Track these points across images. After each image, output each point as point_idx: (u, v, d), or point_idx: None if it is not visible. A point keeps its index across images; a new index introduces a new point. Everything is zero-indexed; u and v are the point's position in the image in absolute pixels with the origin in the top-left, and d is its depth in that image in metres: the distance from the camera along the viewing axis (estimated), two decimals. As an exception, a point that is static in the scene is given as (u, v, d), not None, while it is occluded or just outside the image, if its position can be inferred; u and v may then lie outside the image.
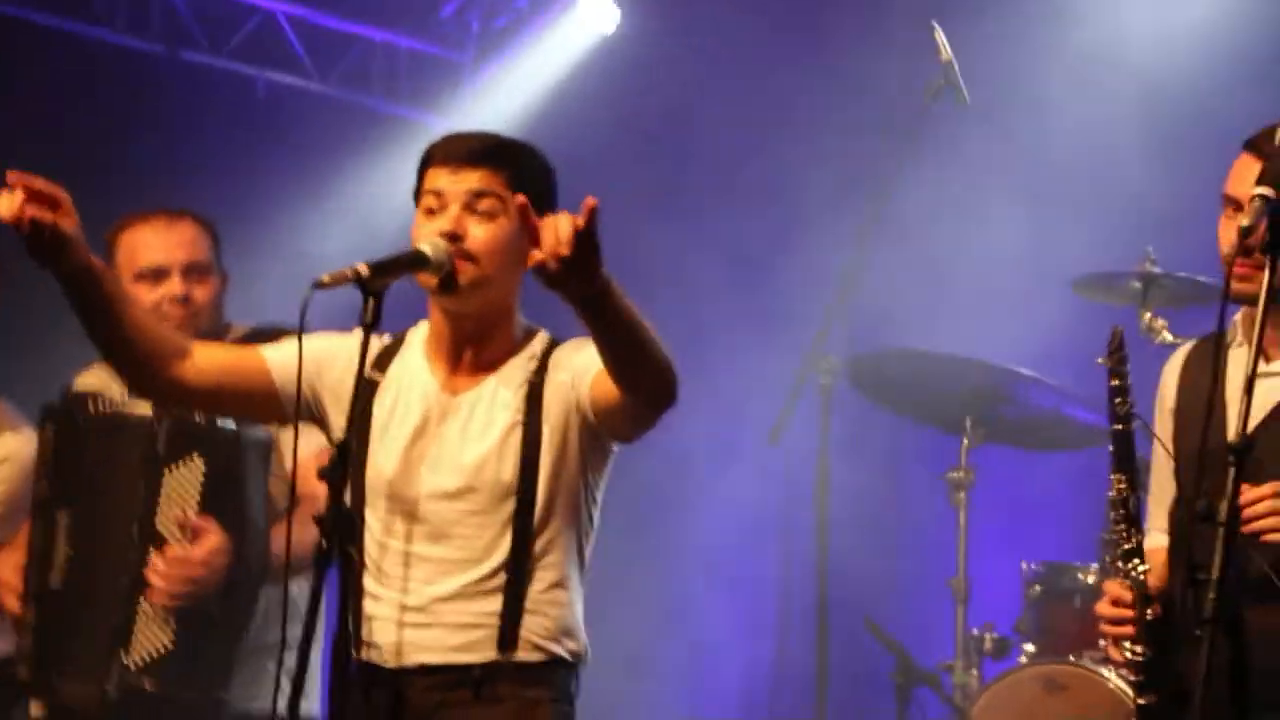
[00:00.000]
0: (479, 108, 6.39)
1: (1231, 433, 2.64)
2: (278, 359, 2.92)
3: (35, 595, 3.52)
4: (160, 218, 3.72)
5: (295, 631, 2.65)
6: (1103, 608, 3.01)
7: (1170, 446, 3.01)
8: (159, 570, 3.38)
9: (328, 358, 2.91)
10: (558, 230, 2.47)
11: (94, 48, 5.87)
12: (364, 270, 2.70)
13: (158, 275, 3.65)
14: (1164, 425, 3.06)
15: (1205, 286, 4.38)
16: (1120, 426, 3.02)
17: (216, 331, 3.65)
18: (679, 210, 5.98)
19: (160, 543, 3.42)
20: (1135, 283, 4.46)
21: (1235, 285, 2.81)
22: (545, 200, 2.85)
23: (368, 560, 2.85)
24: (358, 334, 2.75)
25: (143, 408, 3.47)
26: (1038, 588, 4.59)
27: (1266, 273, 2.43)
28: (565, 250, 2.45)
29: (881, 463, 5.35)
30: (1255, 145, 2.89)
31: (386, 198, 5.68)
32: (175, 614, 3.41)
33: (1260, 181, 2.44)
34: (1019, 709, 4.26)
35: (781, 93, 5.74)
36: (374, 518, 2.86)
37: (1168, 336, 4.29)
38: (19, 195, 2.63)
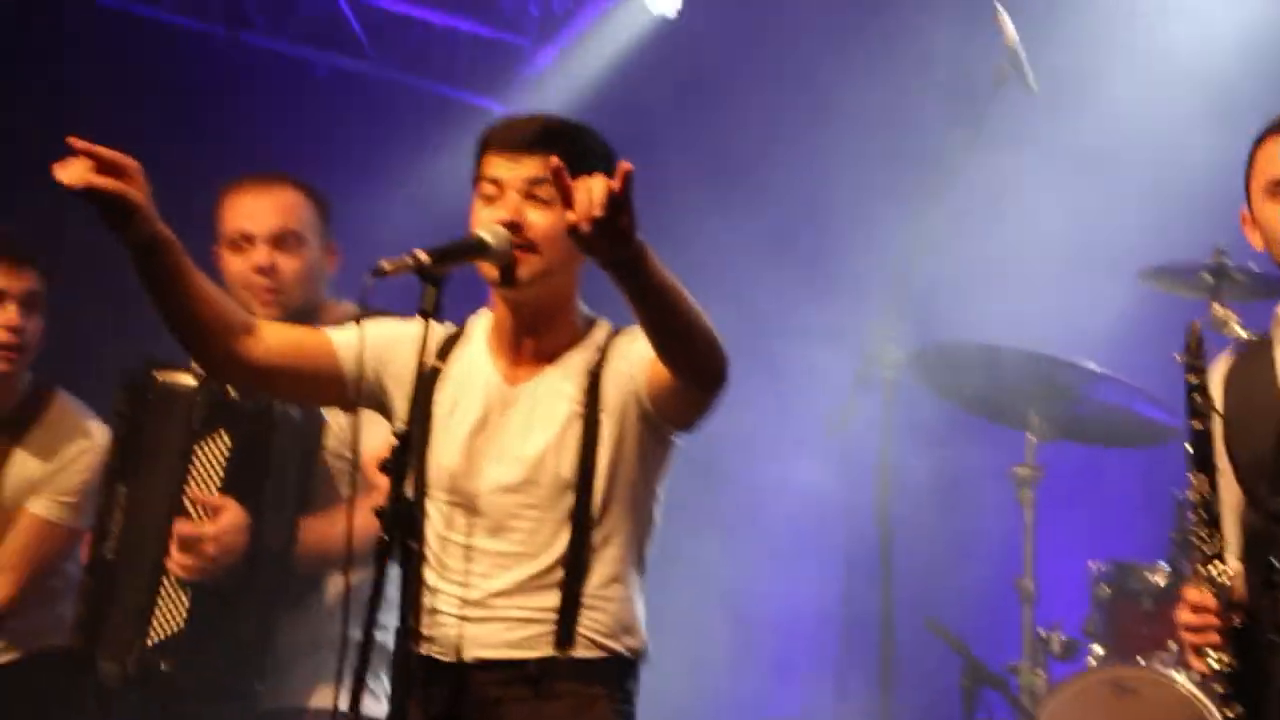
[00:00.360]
0: (539, 92, 6.33)
1: None
2: (344, 342, 2.89)
3: (90, 566, 3.50)
4: (256, 182, 3.60)
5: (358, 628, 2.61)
6: (1183, 614, 2.90)
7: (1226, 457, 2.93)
8: (175, 544, 3.30)
9: (392, 344, 2.88)
10: (591, 192, 2.43)
11: (153, 28, 5.85)
12: (424, 257, 2.67)
13: (245, 241, 3.54)
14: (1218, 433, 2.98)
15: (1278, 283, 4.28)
16: (1199, 425, 2.93)
17: (309, 308, 3.53)
18: (739, 197, 5.90)
19: (186, 517, 3.35)
20: (1207, 275, 4.36)
21: None
22: None
23: (428, 554, 2.82)
24: (419, 320, 2.71)
25: (188, 379, 3.40)
26: (1106, 588, 4.52)
27: None
28: (598, 211, 2.42)
29: (947, 459, 5.26)
30: None
31: (446, 182, 5.62)
32: (191, 593, 3.33)
33: None
34: (1087, 713, 4.18)
35: (841, 77, 5.64)
36: (435, 510, 2.83)
37: (1238, 330, 4.17)
38: (85, 163, 2.60)
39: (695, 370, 2.66)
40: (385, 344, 2.88)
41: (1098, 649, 4.44)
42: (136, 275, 2.73)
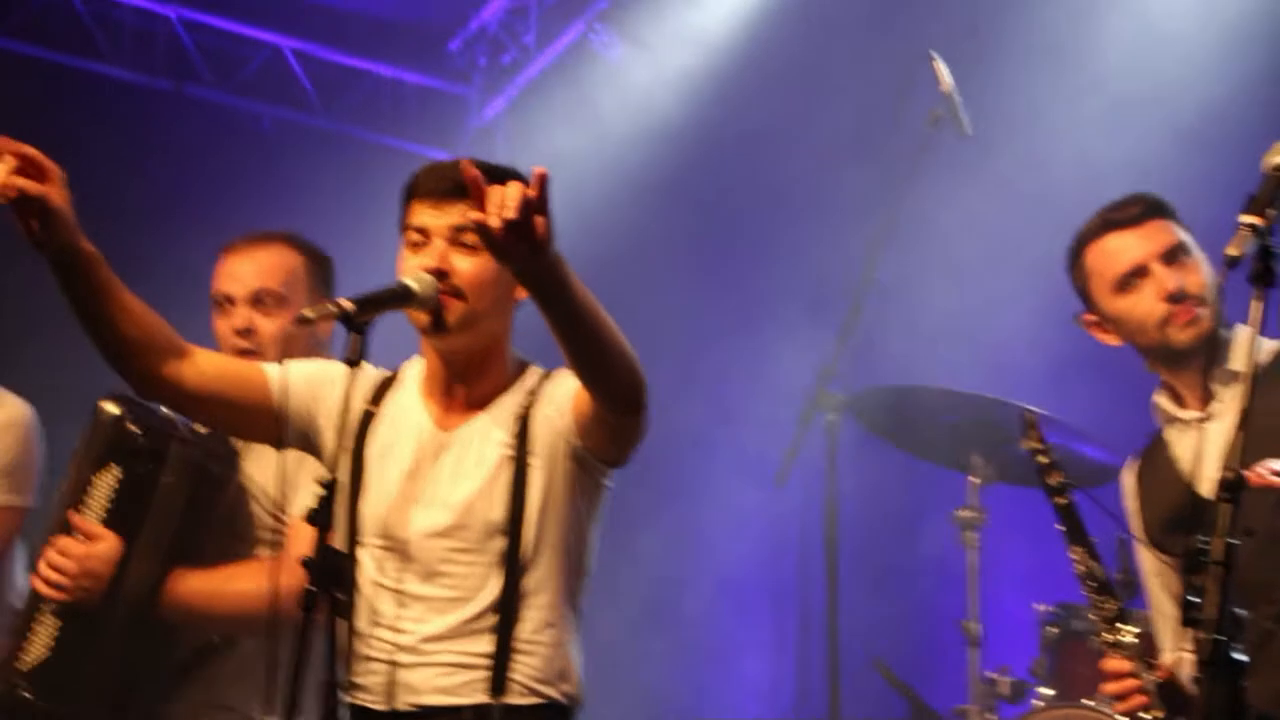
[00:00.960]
0: (487, 142, 6.35)
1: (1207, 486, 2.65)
2: (278, 376, 2.88)
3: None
4: (246, 242, 3.55)
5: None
6: (1107, 686, 2.97)
7: (1162, 556, 3.05)
8: (43, 568, 3.24)
9: (323, 382, 2.88)
10: (504, 194, 2.42)
11: (99, 83, 5.85)
12: (348, 305, 2.66)
13: (226, 303, 3.50)
14: (1143, 549, 3.10)
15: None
16: (1061, 500, 3.00)
17: None
18: (686, 242, 5.92)
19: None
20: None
21: (1175, 334, 3.03)
22: None
23: (360, 600, 2.79)
24: (357, 366, 2.70)
25: (117, 408, 3.32)
26: (1053, 629, 4.49)
27: (1256, 300, 2.32)
28: (510, 213, 2.40)
29: (891, 502, 5.26)
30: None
31: (391, 233, 5.62)
32: (60, 620, 3.26)
33: (1248, 210, 2.32)
34: (1033, 755, 4.15)
35: (785, 124, 5.68)
36: (367, 556, 2.81)
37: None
38: (8, 162, 2.56)
39: (613, 391, 2.65)
40: (315, 381, 2.87)
41: (1045, 690, 4.41)
42: (60, 289, 2.68)
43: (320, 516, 2.60)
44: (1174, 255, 3.12)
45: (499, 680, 2.73)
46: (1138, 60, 5.30)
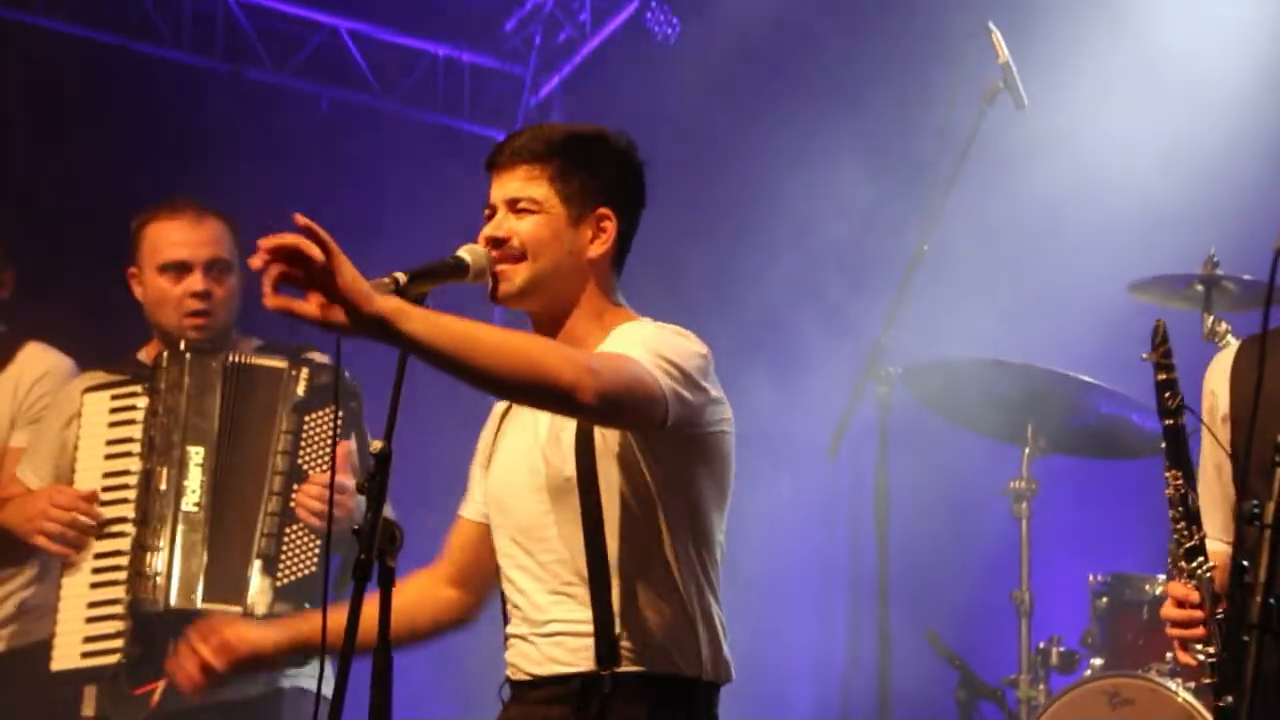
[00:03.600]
0: (541, 121, 6.34)
1: None
2: (473, 509, 2.94)
3: (164, 516, 3.60)
4: (188, 213, 3.80)
5: None
6: (1168, 610, 2.87)
7: (1228, 451, 2.89)
8: (306, 496, 3.56)
9: (483, 450, 2.94)
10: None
11: (160, 67, 5.88)
12: (401, 278, 2.64)
13: (181, 269, 3.75)
14: (1218, 432, 2.95)
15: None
16: (1171, 422, 2.91)
17: (224, 337, 3.77)
18: (737, 220, 5.90)
19: (302, 479, 3.60)
20: (1198, 285, 4.32)
21: None
22: (600, 187, 2.79)
23: (503, 581, 2.82)
24: (494, 409, 2.87)
25: (275, 360, 3.70)
26: (1105, 599, 4.46)
27: None
28: (260, 255, 2.32)
29: (943, 474, 5.23)
30: None
31: (446, 211, 5.64)
32: (321, 545, 3.57)
33: None
34: (1084, 723, 4.13)
35: (839, 103, 5.65)
36: (500, 539, 2.83)
37: (1232, 340, 4.14)
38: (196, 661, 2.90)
39: (549, 407, 2.62)
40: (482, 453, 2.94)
41: (1096, 661, 4.39)
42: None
43: (373, 487, 2.61)
44: None
45: (606, 649, 2.65)
46: (1182, 33, 5.25)
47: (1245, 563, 2.25)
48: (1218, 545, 2.93)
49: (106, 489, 3.66)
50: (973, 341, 4.84)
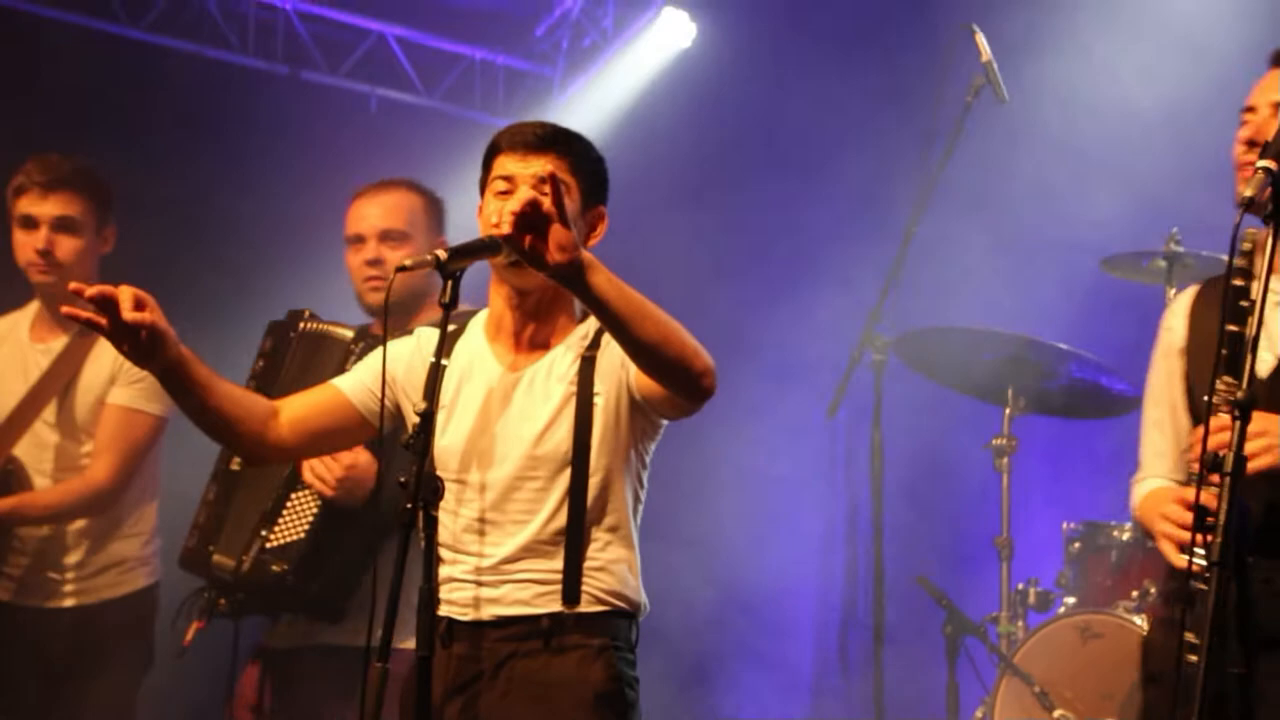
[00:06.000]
0: (568, 118, 6.33)
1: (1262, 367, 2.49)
2: (351, 385, 2.90)
3: (215, 473, 3.60)
4: (372, 187, 3.80)
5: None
6: (1176, 512, 2.58)
7: (1181, 387, 2.74)
8: (318, 462, 3.41)
9: (399, 362, 2.89)
10: (500, 210, 2.43)
11: (227, 70, 5.90)
12: (442, 254, 2.65)
13: (356, 241, 3.72)
14: (1171, 367, 2.80)
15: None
16: (1234, 328, 2.50)
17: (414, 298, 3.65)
18: (750, 210, 5.90)
19: None
20: (1160, 261, 4.32)
21: (1239, 188, 2.59)
22: (598, 186, 2.85)
23: (442, 529, 2.79)
24: (413, 335, 2.82)
25: (345, 330, 3.57)
26: (1077, 544, 4.48)
27: (1270, 240, 2.22)
28: (507, 228, 2.43)
29: (931, 433, 5.23)
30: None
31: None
32: (317, 514, 3.43)
33: (1263, 155, 2.24)
34: (1058, 655, 4.14)
35: (840, 95, 5.63)
36: (448, 490, 2.78)
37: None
38: (126, 299, 2.61)
39: (672, 381, 2.62)
40: (390, 367, 2.87)
41: (1069, 599, 4.40)
42: (169, 392, 2.78)
43: (417, 442, 2.62)
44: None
45: (572, 592, 2.73)
46: (1176, 11, 5.21)
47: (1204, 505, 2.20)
48: (1155, 484, 2.80)
49: None
50: (959, 312, 4.83)
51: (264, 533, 3.45)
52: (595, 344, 2.80)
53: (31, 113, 5.11)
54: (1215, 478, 2.15)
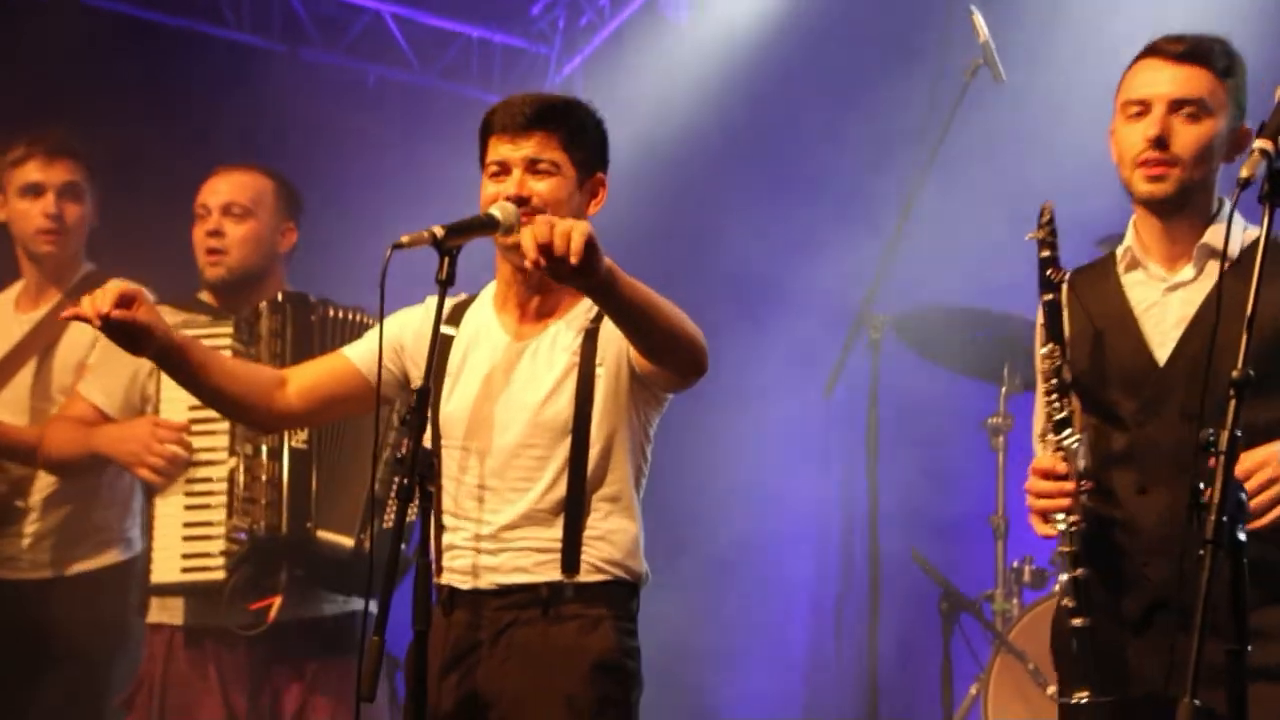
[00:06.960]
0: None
1: (1159, 355, 2.63)
2: (360, 354, 2.90)
3: (275, 450, 3.55)
4: (226, 167, 3.84)
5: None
6: (1034, 483, 2.72)
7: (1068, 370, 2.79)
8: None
9: (407, 330, 2.88)
10: (570, 239, 2.41)
11: (225, 47, 5.85)
12: (439, 232, 2.64)
13: (201, 213, 3.77)
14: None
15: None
16: (1050, 297, 2.80)
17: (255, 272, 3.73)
18: (743, 180, 5.85)
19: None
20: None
21: (1148, 187, 2.71)
22: (595, 154, 2.84)
23: (445, 496, 2.79)
24: (429, 301, 2.76)
25: (367, 317, 3.61)
26: (1072, 523, 4.44)
27: (1266, 217, 2.22)
28: (575, 259, 2.42)
29: (927, 410, 5.20)
30: (1157, 49, 2.77)
31: (477, 174, 5.60)
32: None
33: (1260, 134, 2.23)
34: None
35: (840, 72, 5.59)
36: (449, 458, 2.81)
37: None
38: (108, 299, 2.64)
39: (675, 366, 2.69)
40: (400, 332, 2.89)
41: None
42: (172, 378, 2.86)
43: (414, 419, 2.60)
44: (1181, 107, 2.73)
45: (571, 561, 2.72)
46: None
47: (1201, 484, 2.20)
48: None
49: (194, 421, 3.61)
50: (955, 292, 4.80)
51: (376, 517, 3.48)
52: (599, 316, 2.78)
53: (20, 88, 5.06)
54: (1212, 461, 2.15)
